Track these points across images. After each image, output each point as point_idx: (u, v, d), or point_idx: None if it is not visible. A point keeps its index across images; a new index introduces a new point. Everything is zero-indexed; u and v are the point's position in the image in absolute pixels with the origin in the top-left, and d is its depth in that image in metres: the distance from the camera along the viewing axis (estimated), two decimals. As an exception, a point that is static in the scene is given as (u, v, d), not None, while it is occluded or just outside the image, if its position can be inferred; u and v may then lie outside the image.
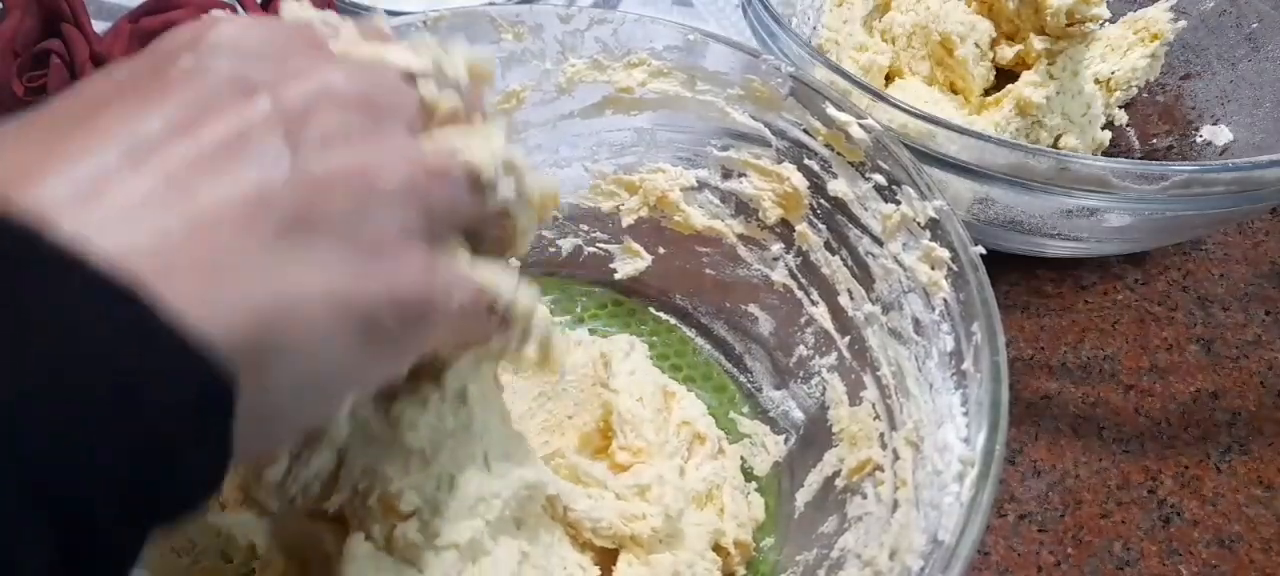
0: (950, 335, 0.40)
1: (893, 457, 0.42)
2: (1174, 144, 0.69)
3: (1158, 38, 0.68)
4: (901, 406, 0.43)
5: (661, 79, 0.51)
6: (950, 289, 0.41)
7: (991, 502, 0.33)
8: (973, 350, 0.38)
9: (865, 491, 0.43)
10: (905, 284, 0.44)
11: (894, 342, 0.44)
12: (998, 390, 0.36)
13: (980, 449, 0.35)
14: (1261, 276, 0.67)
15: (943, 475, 0.36)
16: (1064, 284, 0.65)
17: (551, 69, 0.51)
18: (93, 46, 0.63)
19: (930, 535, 0.35)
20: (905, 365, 0.43)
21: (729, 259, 0.54)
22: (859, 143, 0.45)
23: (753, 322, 0.55)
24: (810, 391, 0.51)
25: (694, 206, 0.54)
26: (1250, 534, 0.53)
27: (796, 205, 0.50)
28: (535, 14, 0.49)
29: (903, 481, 0.40)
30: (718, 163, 0.53)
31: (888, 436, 0.43)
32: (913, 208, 0.43)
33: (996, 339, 0.37)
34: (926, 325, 0.42)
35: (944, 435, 0.38)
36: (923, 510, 0.37)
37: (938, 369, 0.40)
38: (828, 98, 0.46)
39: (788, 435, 0.52)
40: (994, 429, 0.35)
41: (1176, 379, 0.60)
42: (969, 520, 0.33)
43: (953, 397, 0.38)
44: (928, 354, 0.41)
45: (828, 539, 0.43)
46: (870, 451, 0.44)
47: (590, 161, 0.54)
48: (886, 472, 0.42)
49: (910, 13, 0.70)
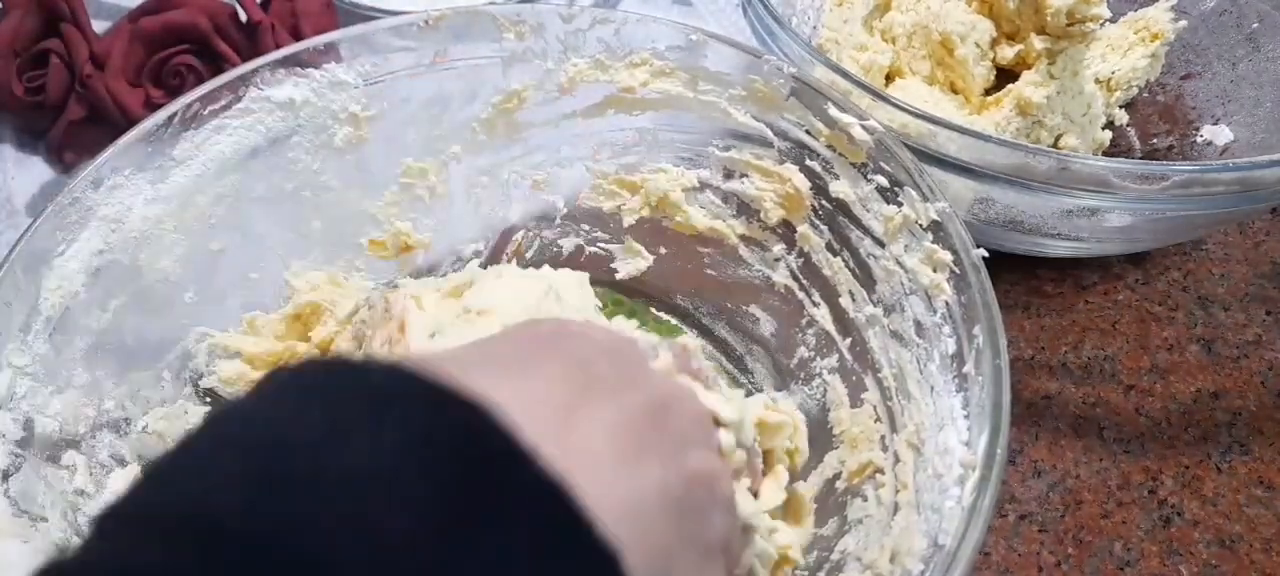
0: (952, 337, 0.40)
1: (894, 460, 0.42)
2: (1174, 144, 0.69)
3: (1158, 37, 0.68)
4: (903, 409, 0.43)
5: (664, 79, 0.51)
6: (952, 291, 0.41)
7: (994, 506, 0.33)
8: (974, 353, 0.38)
9: (866, 494, 0.43)
10: (907, 286, 0.44)
11: (895, 344, 0.44)
12: (999, 393, 0.36)
13: (982, 452, 0.35)
14: (1262, 276, 0.67)
15: (944, 478, 0.36)
16: (1064, 284, 0.65)
17: (553, 68, 0.51)
18: (92, 46, 0.63)
19: (931, 538, 0.35)
20: (907, 367, 0.43)
21: (730, 259, 0.54)
22: (861, 144, 0.45)
23: (754, 323, 0.55)
24: (811, 393, 0.51)
25: (695, 207, 0.54)
26: (1251, 534, 0.53)
27: (798, 206, 0.50)
28: (537, 13, 0.49)
29: (904, 484, 0.40)
30: (719, 163, 0.52)
31: (889, 439, 0.43)
32: (915, 209, 0.43)
33: (998, 342, 0.37)
34: (928, 327, 0.42)
35: (945, 438, 0.38)
36: (923, 513, 0.37)
37: (939, 371, 0.40)
38: (830, 98, 0.46)
39: None
40: (996, 432, 0.35)
41: (1177, 379, 0.60)
42: (970, 524, 0.33)
43: (954, 400, 0.39)
44: (929, 356, 0.41)
45: (827, 542, 0.43)
46: (871, 454, 0.44)
47: (592, 161, 0.54)
48: (887, 475, 0.42)
49: (910, 12, 0.70)
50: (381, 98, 0.49)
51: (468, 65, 0.50)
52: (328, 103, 0.48)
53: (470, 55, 0.50)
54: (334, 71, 0.47)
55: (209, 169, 0.45)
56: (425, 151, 0.52)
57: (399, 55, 0.48)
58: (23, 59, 0.64)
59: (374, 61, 0.48)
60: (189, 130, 0.44)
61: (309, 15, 0.68)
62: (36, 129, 0.67)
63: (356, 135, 0.49)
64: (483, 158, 0.53)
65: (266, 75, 0.46)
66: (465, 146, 0.52)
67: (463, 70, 0.50)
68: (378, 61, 0.48)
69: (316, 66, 0.47)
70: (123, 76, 0.63)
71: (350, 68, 0.47)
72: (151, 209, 0.43)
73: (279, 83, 0.46)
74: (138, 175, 0.43)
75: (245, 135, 0.46)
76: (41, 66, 0.64)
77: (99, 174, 0.42)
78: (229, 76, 0.45)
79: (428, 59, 0.49)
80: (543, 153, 0.54)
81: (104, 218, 0.42)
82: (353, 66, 0.47)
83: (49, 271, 0.40)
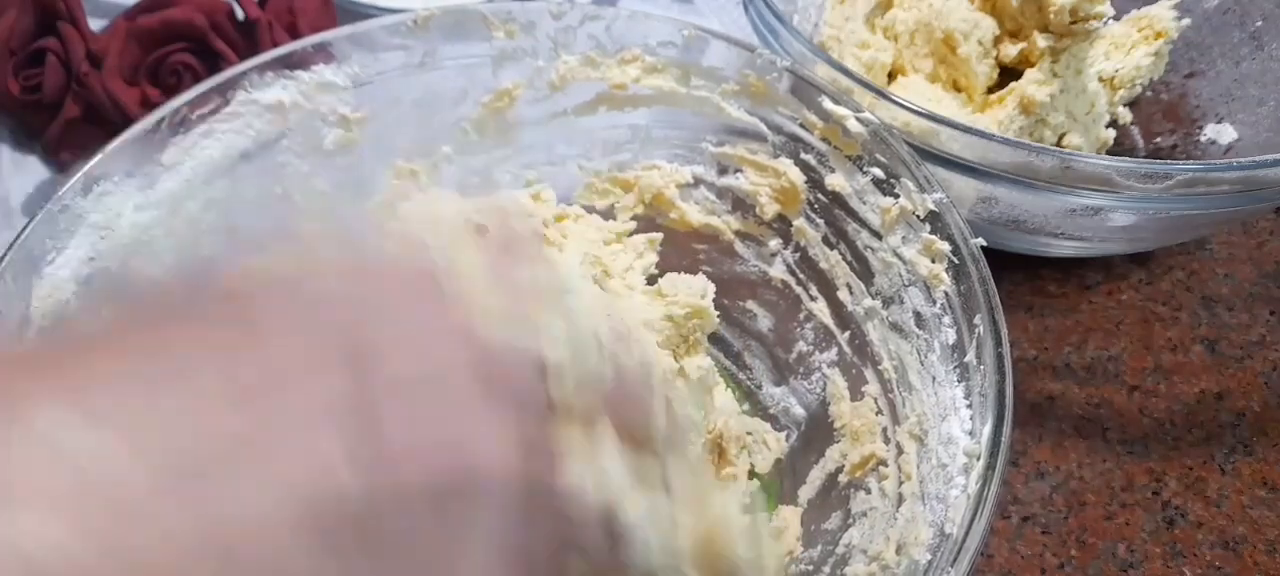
0: (952, 328, 0.40)
1: (897, 452, 0.42)
2: (1178, 143, 0.69)
3: (1162, 36, 0.68)
4: (904, 400, 0.42)
5: (655, 75, 0.50)
6: (951, 281, 0.40)
7: (998, 494, 0.33)
8: (975, 342, 0.38)
9: (869, 486, 0.43)
10: (905, 277, 0.43)
11: (895, 336, 0.44)
12: (1002, 382, 0.36)
13: (986, 441, 0.35)
14: (1266, 276, 0.66)
15: (948, 468, 0.36)
16: (1068, 284, 0.65)
17: (544, 66, 0.50)
18: (89, 45, 0.63)
19: (937, 528, 0.35)
20: (907, 359, 0.43)
21: (726, 255, 0.54)
22: (856, 136, 0.45)
23: (751, 319, 0.55)
24: (811, 387, 0.51)
25: (690, 203, 0.54)
26: (1255, 536, 0.52)
27: (794, 200, 0.49)
28: (527, 11, 0.49)
29: (907, 475, 0.40)
30: (713, 159, 0.52)
31: (891, 431, 0.43)
32: (911, 200, 0.43)
33: (1000, 330, 0.37)
34: (928, 318, 0.42)
35: (948, 428, 0.37)
36: (928, 504, 0.37)
37: (940, 362, 0.40)
38: (824, 91, 0.46)
39: (789, 432, 0.51)
40: (1000, 421, 0.35)
41: (1181, 380, 0.60)
42: (976, 512, 0.33)
43: (956, 390, 0.38)
44: (929, 347, 0.41)
45: (832, 535, 0.43)
46: (873, 446, 0.44)
47: (584, 160, 0.54)
48: (890, 467, 0.42)
49: (913, 10, 0.69)
50: (371, 99, 0.48)
51: (457, 65, 0.49)
52: (316, 105, 0.47)
53: (460, 54, 0.49)
54: (322, 73, 0.47)
55: (198, 174, 0.44)
56: (416, 153, 0.51)
57: (388, 55, 0.48)
58: (19, 57, 0.64)
59: (363, 62, 0.48)
60: (177, 135, 0.44)
61: (306, 13, 0.67)
62: (33, 128, 0.66)
63: (346, 138, 0.48)
64: (474, 158, 0.53)
65: (254, 78, 0.45)
66: (456, 147, 0.52)
67: (452, 70, 0.49)
68: (367, 62, 0.48)
69: (305, 68, 0.46)
70: (120, 75, 0.63)
71: (339, 69, 0.47)
72: (141, 215, 0.43)
73: (267, 85, 0.45)
74: (127, 181, 0.42)
75: (234, 139, 0.45)
76: (38, 65, 0.64)
77: (88, 180, 0.41)
78: (216, 80, 0.45)
79: (417, 59, 0.48)
80: (535, 152, 0.53)
81: (93, 225, 0.41)
82: (342, 68, 0.47)
83: (40, 280, 0.40)
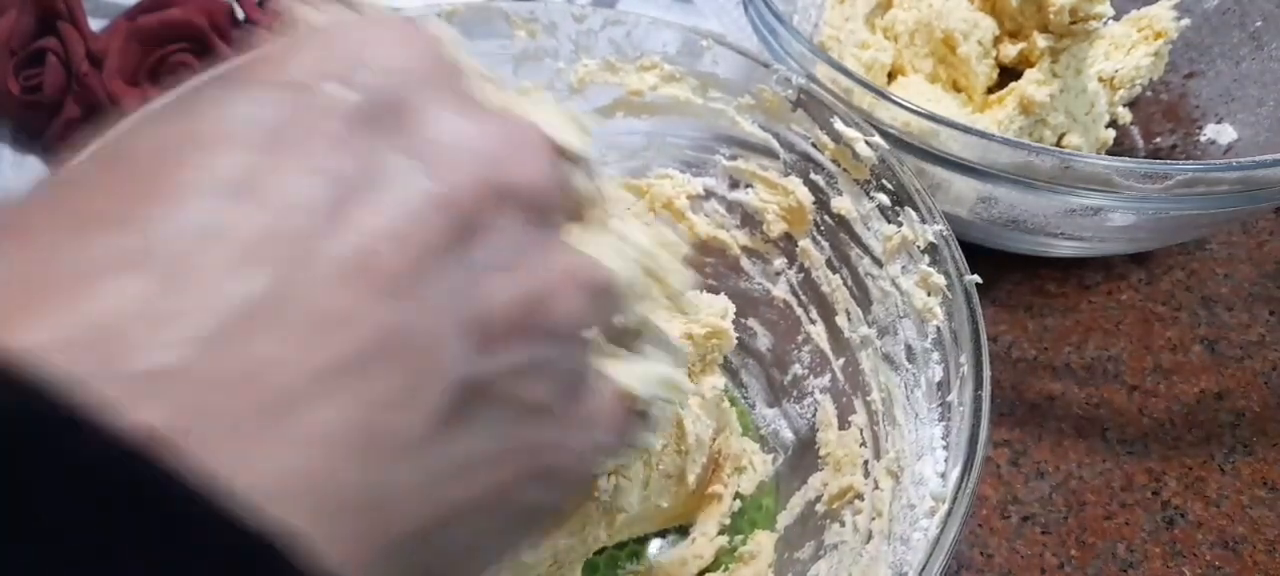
0: (940, 364, 0.39)
1: (873, 486, 0.41)
2: (1178, 143, 0.69)
3: (1161, 36, 0.68)
4: (887, 434, 0.42)
5: (672, 84, 0.50)
6: (943, 316, 0.40)
7: (956, 541, 0.33)
8: (959, 382, 0.38)
9: (844, 519, 0.43)
10: (901, 308, 0.43)
11: (886, 368, 0.44)
12: (976, 426, 0.35)
13: (951, 487, 0.34)
14: (1266, 276, 0.66)
15: (915, 509, 0.36)
16: (1067, 284, 0.65)
17: (564, 68, 0.50)
18: (89, 45, 0.63)
19: (896, 570, 0.34)
20: (895, 392, 0.43)
21: (732, 270, 0.54)
22: (864, 160, 0.45)
23: (752, 337, 0.54)
24: (802, 411, 0.51)
25: (700, 215, 0.54)
26: (1254, 535, 0.52)
27: (801, 220, 0.49)
28: (549, 11, 0.49)
29: (878, 512, 0.39)
30: (725, 172, 0.52)
31: (871, 464, 0.43)
32: (913, 230, 0.43)
33: (982, 373, 0.37)
34: (918, 353, 0.41)
35: (922, 468, 0.37)
36: (893, 544, 0.37)
37: (924, 398, 0.40)
38: (836, 111, 0.46)
39: (776, 455, 0.51)
40: (967, 466, 0.34)
41: (1181, 379, 0.60)
42: (930, 558, 0.32)
43: (935, 430, 0.38)
44: (916, 382, 0.41)
45: (802, 566, 0.43)
46: (853, 478, 0.44)
47: (599, 164, 0.54)
48: (866, 502, 0.42)
49: (912, 10, 0.69)
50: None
51: (477, 63, 0.49)
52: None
53: (480, 53, 0.49)
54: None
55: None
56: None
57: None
58: (19, 57, 0.64)
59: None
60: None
61: (307, 13, 0.67)
62: (33, 128, 0.66)
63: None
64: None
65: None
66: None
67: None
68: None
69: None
70: (120, 75, 0.63)
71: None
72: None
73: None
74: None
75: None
76: (38, 65, 0.64)
77: None
78: None
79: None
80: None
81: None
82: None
83: None
